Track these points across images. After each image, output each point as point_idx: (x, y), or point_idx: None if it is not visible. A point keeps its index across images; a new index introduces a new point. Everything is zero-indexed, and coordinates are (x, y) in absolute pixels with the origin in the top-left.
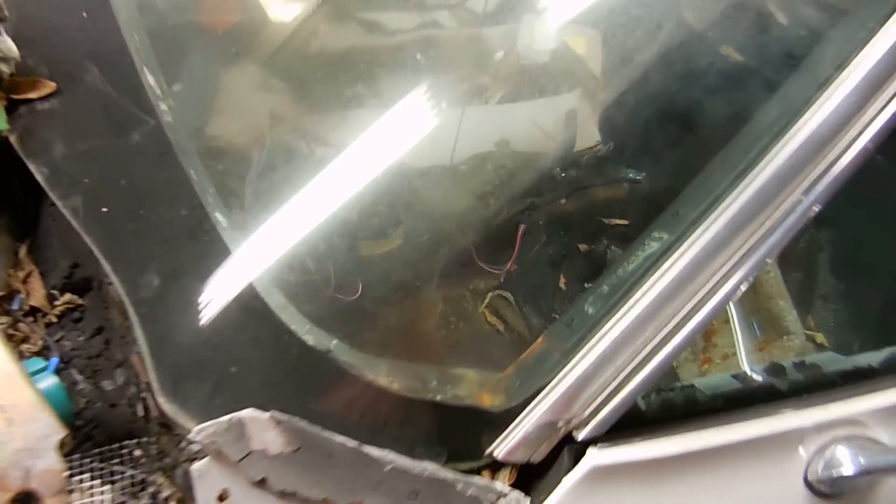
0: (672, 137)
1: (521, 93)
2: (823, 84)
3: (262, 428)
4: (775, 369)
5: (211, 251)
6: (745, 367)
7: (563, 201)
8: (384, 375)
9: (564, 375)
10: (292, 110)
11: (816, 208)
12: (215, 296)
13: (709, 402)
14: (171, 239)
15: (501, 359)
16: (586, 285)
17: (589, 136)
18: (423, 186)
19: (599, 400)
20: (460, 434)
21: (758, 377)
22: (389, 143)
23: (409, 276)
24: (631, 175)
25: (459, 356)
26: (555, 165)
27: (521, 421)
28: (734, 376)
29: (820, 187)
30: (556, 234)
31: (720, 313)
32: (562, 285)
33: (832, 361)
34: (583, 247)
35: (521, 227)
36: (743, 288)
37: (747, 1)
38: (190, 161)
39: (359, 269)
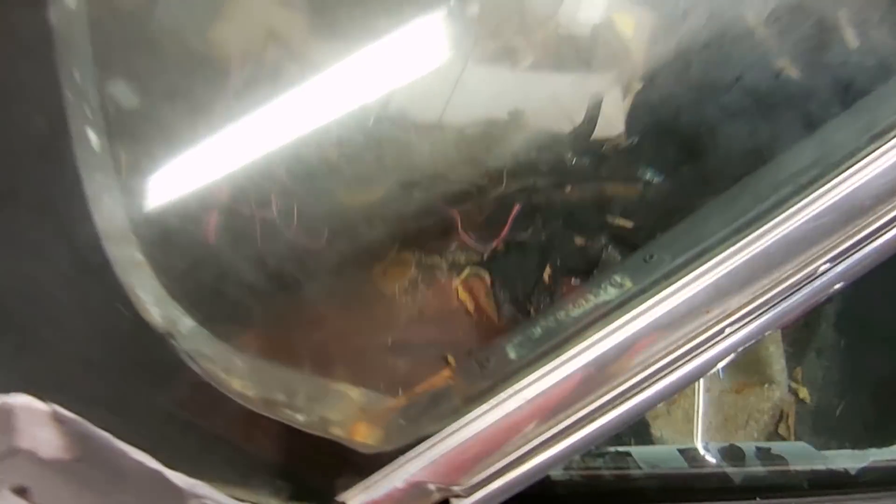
0: (697, 149)
1: (552, 64)
2: (881, 134)
3: (37, 422)
4: (733, 453)
5: (60, 175)
6: (698, 441)
7: (568, 189)
8: (239, 378)
9: (459, 427)
10: (297, 30)
11: (839, 286)
12: (46, 232)
13: (642, 481)
14: (11, 150)
15: (461, 340)
16: (573, 281)
17: (612, 125)
18: (417, 140)
19: (493, 469)
20: (313, 469)
21: (710, 458)
22: (396, 87)
23: (381, 234)
24: (648, 176)
25: (416, 331)
26: (568, 149)
27: (390, 471)
28: (681, 451)
29: (851, 262)
30: (552, 221)
31: (679, 391)
32: (546, 277)
33: (802, 456)
34: (579, 241)
35: (516, 207)
36: (719, 365)
37: (808, 4)
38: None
39: (325, 217)
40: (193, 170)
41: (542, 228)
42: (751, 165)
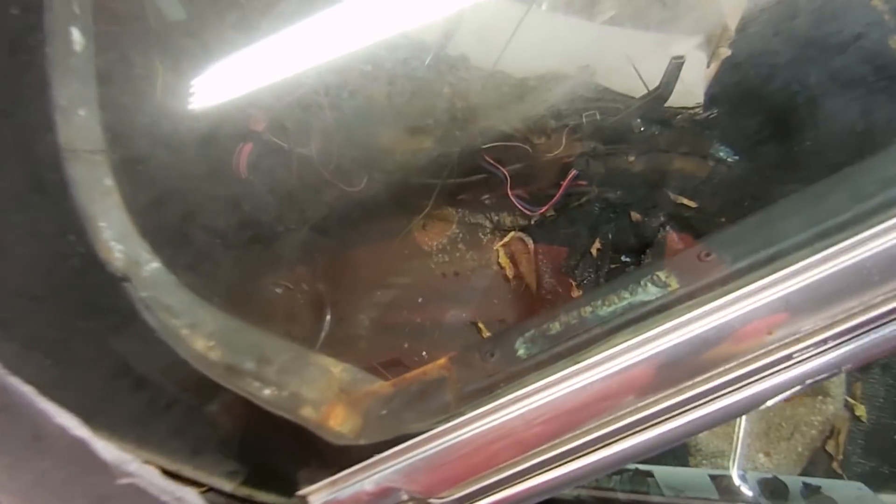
0: (790, 126)
1: (633, 19)
2: None
3: None
4: (774, 488)
5: (24, 74)
6: (734, 468)
7: (631, 158)
8: (204, 337)
9: (448, 430)
10: None
11: None
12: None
13: None
14: None
15: (495, 308)
16: (623, 258)
17: (691, 93)
18: (474, 87)
19: (482, 485)
20: (274, 455)
21: (746, 490)
22: (457, 25)
23: (425, 185)
24: (722, 154)
25: (450, 291)
26: (638, 114)
27: (362, 470)
28: (713, 477)
29: None
30: (610, 191)
31: (723, 422)
32: (593, 250)
33: (856, 500)
34: (636, 216)
35: (572, 173)
36: (777, 399)
37: None
38: None
39: (367, 161)
40: (208, 88)
41: (597, 199)
42: (856, 153)
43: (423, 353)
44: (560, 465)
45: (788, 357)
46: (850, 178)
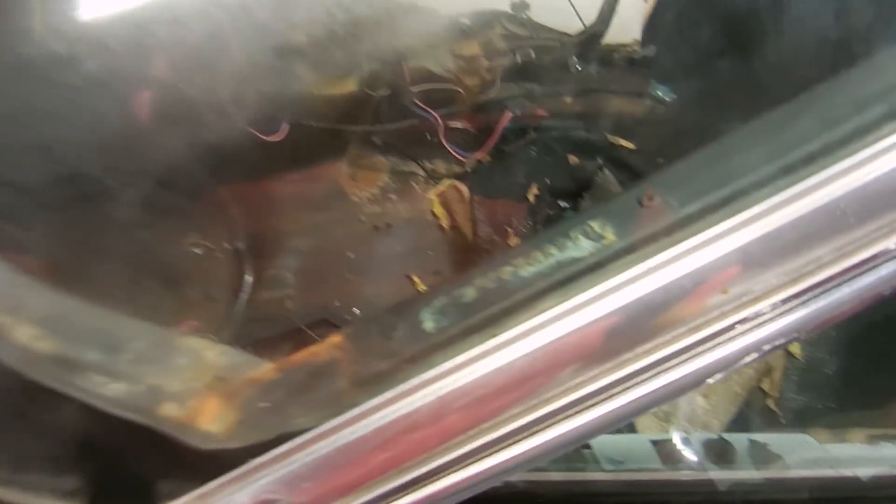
0: (731, 69)
1: None
2: None
3: None
4: (720, 450)
5: None
6: (675, 434)
7: (568, 99)
8: (31, 323)
9: (340, 426)
10: None
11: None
12: None
13: (601, 486)
14: None
15: (430, 259)
16: (560, 203)
17: (628, 29)
18: (399, 25)
19: (383, 491)
20: (127, 464)
21: (690, 454)
22: None
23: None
24: (659, 93)
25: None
26: (574, 52)
27: (235, 480)
28: (655, 443)
29: None
30: (546, 134)
31: (672, 398)
32: (531, 196)
33: (804, 456)
34: (573, 159)
35: (507, 115)
36: (734, 367)
37: None
38: None
39: (286, 106)
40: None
41: (534, 142)
42: (820, 71)
43: (355, 310)
44: (481, 459)
45: (743, 321)
46: (818, 99)
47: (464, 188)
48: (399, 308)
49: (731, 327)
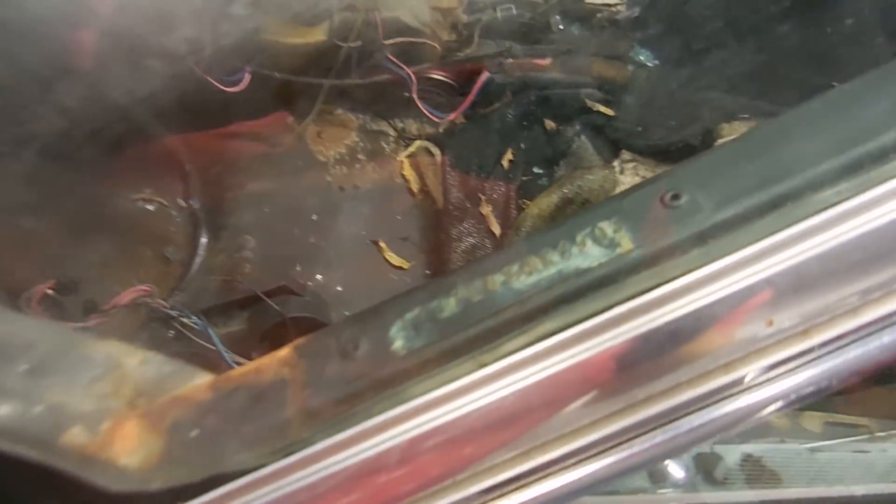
0: (717, 35)
1: None
2: None
3: None
4: (710, 464)
5: None
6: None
7: (548, 60)
8: None
9: (283, 471)
10: None
11: None
12: None
13: None
14: None
15: (399, 224)
16: (535, 170)
17: None
18: None
19: None
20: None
21: (677, 471)
22: None
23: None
24: (641, 58)
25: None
26: (555, 12)
27: None
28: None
29: None
30: (524, 97)
31: (694, 445)
32: (505, 162)
33: (798, 463)
34: (550, 124)
35: (484, 75)
36: (771, 409)
37: None
38: None
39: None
40: None
41: (511, 105)
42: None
43: (318, 276)
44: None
45: (794, 357)
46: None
47: (436, 151)
48: (363, 318)
49: (770, 367)
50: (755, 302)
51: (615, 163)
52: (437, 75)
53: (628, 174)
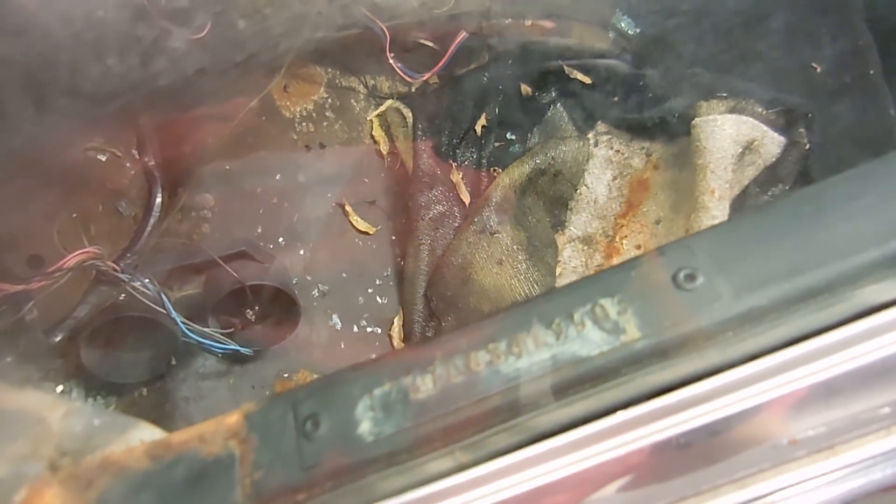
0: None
1: None
2: None
3: None
4: None
5: None
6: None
7: (528, 22)
8: None
9: None
10: None
11: None
12: None
13: None
14: None
15: (365, 187)
16: (508, 136)
17: None
18: None
19: None
20: None
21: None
22: None
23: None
24: (623, 25)
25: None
26: None
27: None
28: None
29: None
30: (501, 60)
31: None
32: (478, 127)
33: None
34: (526, 89)
35: (461, 35)
36: None
37: None
38: None
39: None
40: None
41: (487, 67)
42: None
43: (280, 239)
44: None
45: (808, 480)
46: None
47: (407, 112)
48: (325, 387)
49: (786, 488)
50: (778, 415)
51: (590, 134)
52: (412, 33)
53: (602, 147)
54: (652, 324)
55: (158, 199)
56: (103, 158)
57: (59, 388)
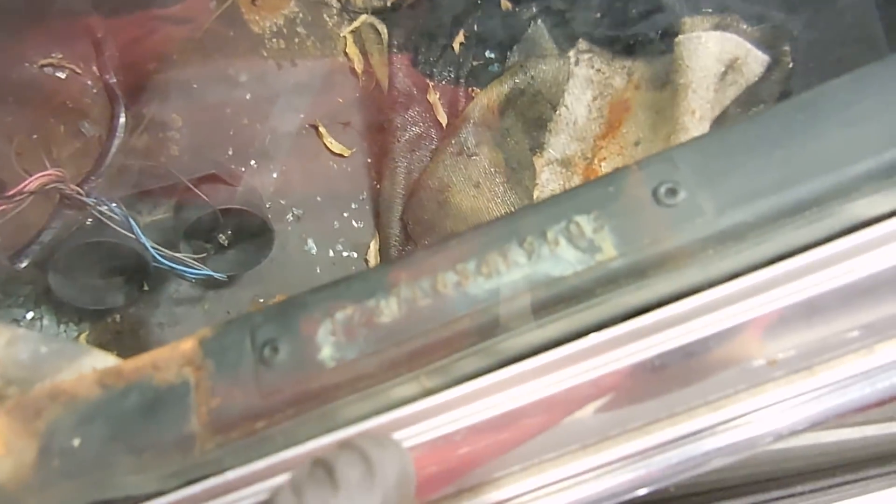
0: None
1: None
2: None
3: None
4: None
5: None
6: None
7: None
8: None
9: (189, 501)
10: None
11: None
12: None
13: None
14: None
15: (339, 107)
16: (487, 54)
17: None
18: None
19: None
20: None
21: None
22: None
23: None
24: None
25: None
26: None
27: None
28: None
29: None
30: None
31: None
32: (456, 45)
33: None
34: (506, 3)
35: None
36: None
37: None
38: None
39: None
40: None
41: None
42: None
43: (252, 161)
44: None
45: (788, 399)
46: None
47: (382, 28)
48: (284, 311)
49: (762, 408)
50: (758, 336)
51: (571, 53)
52: None
53: (583, 66)
54: (630, 241)
55: (122, 120)
56: (62, 76)
57: (30, 314)
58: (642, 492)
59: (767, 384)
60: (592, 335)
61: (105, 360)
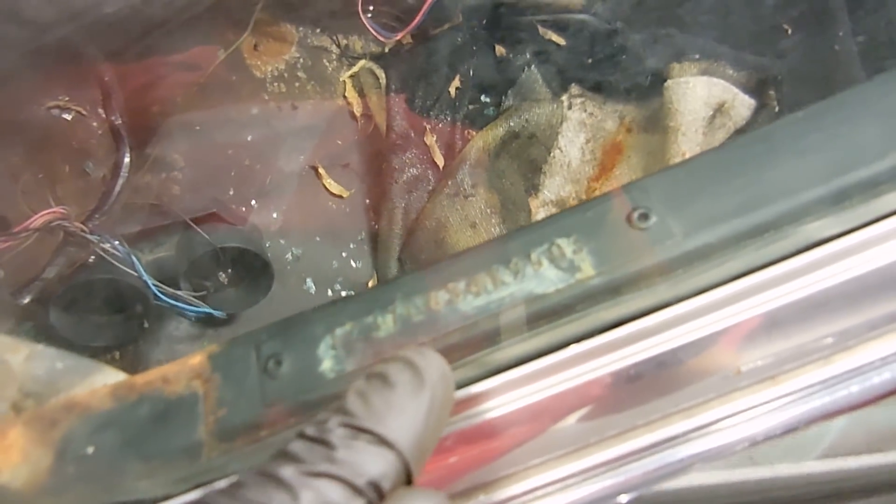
0: None
1: None
2: None
3: None
4: None
5: None
6: None
7: None
8: None
9: None
10: None
11: None
12: None
13: None
14: None
15: (338, 150)
16: (482, 98)
17: None
18: None
19: None
20: None
21: None
22: None
23: None
24: None
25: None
26: None
27: None
28: None
29: None
30: (474, 20)
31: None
32: (452, 89)
33: None
34: (500, 50)
35: None
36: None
37: None
38: None
39: None
40: None
41: (461, 27)
42: None
43: (252, 201)
44: None
45: (755, 406)
46: None
47: (380, 73)
48: (287, 328)
49: (731, 415)
50: (724, 347)
51: (564, 97)
52: (367, 19)
53: (576, 109)
54: (606, 262)
55: (127, 159)
56: (68, 117)
57: None
58: (623, 499)
59: (734, 393)
60: (573, 346)
61: (117, 377)
